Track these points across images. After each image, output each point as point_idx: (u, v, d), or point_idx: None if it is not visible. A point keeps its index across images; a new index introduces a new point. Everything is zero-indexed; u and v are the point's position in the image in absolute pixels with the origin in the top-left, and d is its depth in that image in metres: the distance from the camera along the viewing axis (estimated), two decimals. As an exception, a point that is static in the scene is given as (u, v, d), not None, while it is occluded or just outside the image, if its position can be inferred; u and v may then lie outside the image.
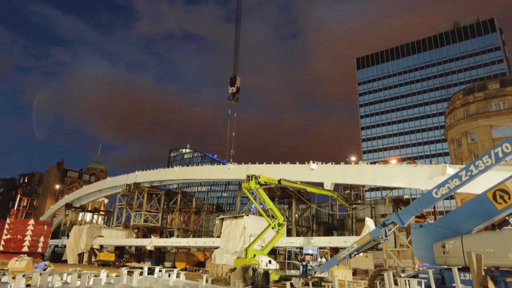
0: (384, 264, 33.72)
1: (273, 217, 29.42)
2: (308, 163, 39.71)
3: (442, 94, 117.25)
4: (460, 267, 13.25)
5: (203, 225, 66.91)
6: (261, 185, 29.93)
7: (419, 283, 13.10)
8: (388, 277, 10.53)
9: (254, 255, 29.24)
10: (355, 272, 34.43)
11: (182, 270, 40.72)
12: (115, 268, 32.67)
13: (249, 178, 31.40)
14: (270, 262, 33.28)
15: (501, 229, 13.62)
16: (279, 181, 36.03)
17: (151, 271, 17.78)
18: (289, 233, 43.13)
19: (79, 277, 11.71)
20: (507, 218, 14.25)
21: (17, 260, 31.04)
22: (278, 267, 30.53)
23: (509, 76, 78.14)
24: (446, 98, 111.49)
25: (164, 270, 18.18)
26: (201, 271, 38.94)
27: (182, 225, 63.97)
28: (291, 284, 26.23)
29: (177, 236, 57.57)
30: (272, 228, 29.95)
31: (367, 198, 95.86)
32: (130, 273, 14.87)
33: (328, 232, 50.09)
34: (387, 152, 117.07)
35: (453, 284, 12.33)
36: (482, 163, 14.95)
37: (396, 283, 12.57)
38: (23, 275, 11.54)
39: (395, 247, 36.47)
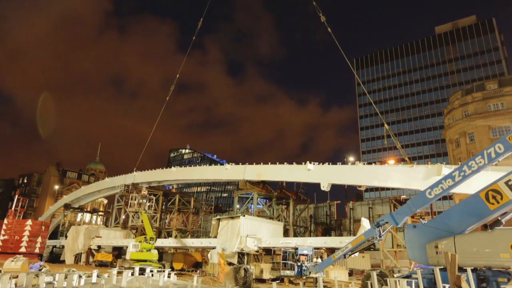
0: (381, 265, 33.72)
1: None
2: (305, 163, 39.74)
3: (441, 95, 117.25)
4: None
5: (201, 226, 66.89)
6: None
7: (409, 283, 13.06)
8: (373, 277, 10.50)
9: None
10: (351, 273, 34.39)
11: (180, 270, 40.72)
12: (112, 269, 32.48)
13: None
14: None
15: (493, 229, 13.60)
16: None
17: (142, 271, 17.78)
18: (286, 234, 43.11)
19: (66, 277, 11.67)
20: (499, 218, 14.22)
21: (12, 261, 30.99)
22: None
23: (508, 76, 78.08)
24: (445, 98, 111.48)
25: (155, 270, 18.16)
26: (198, 271, 38.87)
27: (181, 226, 63.88)
28: (291, 281, 26.22)
29: (175, 237, 57.49)
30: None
31: (366, 198, 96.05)
32: (121, 273, 14.86)
33: (326, 233, 50.06)
34: (386, 153, 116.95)
35: (446, 285, 12.31)
36: (475, 164, 14.89)
37: (387, 283, 12.54)
38: (10, 276, 11.49)
39: (392, 247, 36.46)
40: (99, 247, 56.37)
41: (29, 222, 51.81)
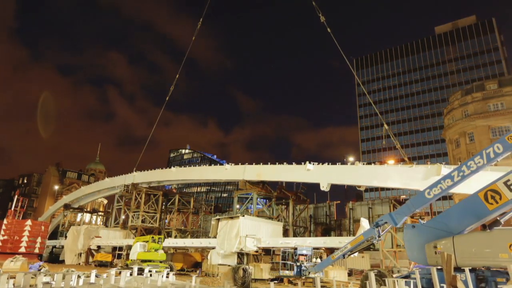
0: (380, 265, 33.70)
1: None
2: (304, 163, 39.73)
3: (441, 95, 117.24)
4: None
5: (201, 226, 66.87)
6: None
7: (408, 284, 13.03)
8: (370, 277, 10.49)
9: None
10: (351, 273, 34.38)
11: (179, 270, 40.69)
12: (111, 269, 32.36)
13: None
14: None
15: (492, 229, 13.56)
16: None
17: (141, 271, 17.79)
18: (285, 234, 43.09)
19: (64, 277, 11.66)
20: (498, 218, 14.18)
21: (12, 261, 30.97)
22: None
23: (508, 76, 78.06)
24: (445, 98, 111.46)
25: (154, 270, 18.16)
26: (197, 271, 38.84)
27: (181, 226, 63.87)
28: (290, 281, 26.23)
29: (175, 237, 57.47)
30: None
31: (365, 198, 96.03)
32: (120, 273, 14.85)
33: (325, 233, 50.05)
34: (386, 153, 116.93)
35: (443, 284, 12.29)
36: (474, 164, 14.84)
37: (385, 283, 12.54)
38: (8, 276, 11.50)
39: (392, 247, 36.46)
40: (98, 247, 56.36)
41: (29, 222, 51.78)
